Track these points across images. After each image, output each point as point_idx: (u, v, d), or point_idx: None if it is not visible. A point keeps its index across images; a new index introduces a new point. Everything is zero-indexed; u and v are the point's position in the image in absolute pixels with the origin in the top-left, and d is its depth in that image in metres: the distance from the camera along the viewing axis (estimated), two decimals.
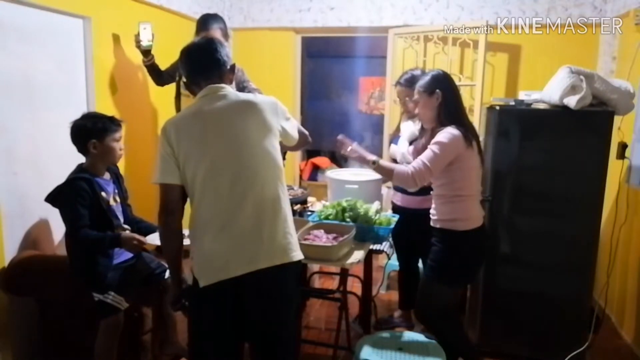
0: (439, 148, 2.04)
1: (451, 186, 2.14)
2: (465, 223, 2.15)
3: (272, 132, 1.70)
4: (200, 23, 2.99)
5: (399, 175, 2.11)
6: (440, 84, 2.16)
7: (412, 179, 2.07)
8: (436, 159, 2.04)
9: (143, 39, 2.95)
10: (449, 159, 2.06)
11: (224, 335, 1.68)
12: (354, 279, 3.14)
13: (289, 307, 1.75)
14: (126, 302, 2.19)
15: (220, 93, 1.68)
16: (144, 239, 2.15)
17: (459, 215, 2.15)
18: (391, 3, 3.88)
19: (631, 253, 2.83)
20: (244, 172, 1.62)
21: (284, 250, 1.67)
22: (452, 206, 2.16)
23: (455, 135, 2.05)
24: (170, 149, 1.61)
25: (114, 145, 2.18)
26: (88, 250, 2.12)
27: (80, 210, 2.06)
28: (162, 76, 3.16)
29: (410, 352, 2.07)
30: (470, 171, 2.14)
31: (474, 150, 2.12)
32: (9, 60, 2.34)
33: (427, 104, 2.18)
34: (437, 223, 2.22)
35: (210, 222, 1.62)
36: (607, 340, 2.86)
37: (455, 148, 2.05)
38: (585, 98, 2.34)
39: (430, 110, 2.17)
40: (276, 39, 4.27)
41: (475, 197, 2.19)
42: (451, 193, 2.15)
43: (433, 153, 2.05)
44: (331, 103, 6.00)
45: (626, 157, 2.67)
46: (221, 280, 1.59)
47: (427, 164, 2.05)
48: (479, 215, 2.20)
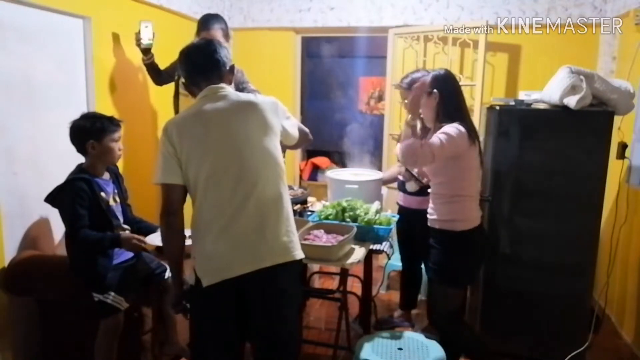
0: (445, 138, 2.03)
1: (451, 185, 2.13)
2: (464, 223, 2.15)
3: (273, 131, 1.71)
4: (201, 23, 2.99)
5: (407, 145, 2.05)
6: (438, 84, 2.15)
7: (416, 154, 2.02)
8: (441, 145, 2.02)
9: (144, 37, 2.95)
10: (452, 151, 2.05)
11: (226, 335, 1.68)
12: (354, 279, 3.13)
13: (291, 306, 1.76)
14: (126, 302, 2.19)
15: (221, 93, 1.69)
16: (144, 239, 2.15)
17: (458, 215, 2.15)
18: (391, 3, 3.87)
19: (631, 253, 2.83)
20: (246, 171, 1.62)
21: (287, 249, 1.68)
22: (451, 206, 2.15)
23: (461, 131, 2.05)
24: (172, 148, 1.61)
25: (112, 145, 2.18)
26: (88, 251, 2.12)
27: (79, 211, 2.06)
28: (161, 75, 3.16)
29: (410, 352, 2.07)
30: (471, 171, 2.14)
31: (476, 149, 2.12)
32: (9, 60, 2.34)
33: (427, 103, 2.18)
34: (435, 223, 2.21)
35: (212, 222, 1.62)
36: (607, 340, 2.87)
37: (460, 142, 2.04)
38: (585, 98, 2.34)
39: (430, 109, 2.17)
40: (276, 39, 4.27)
41: (474, 197, 2.19)
42: (450, 192, 2.14)
43: (439, 140, 2.03)
44: (331, 103, 6.00)
45: (626, 157, 2.67)
46: (224, 280, 1.60)
47: (433, 147, 2.01)
48: (477, 216, 2.20)
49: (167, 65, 3.14)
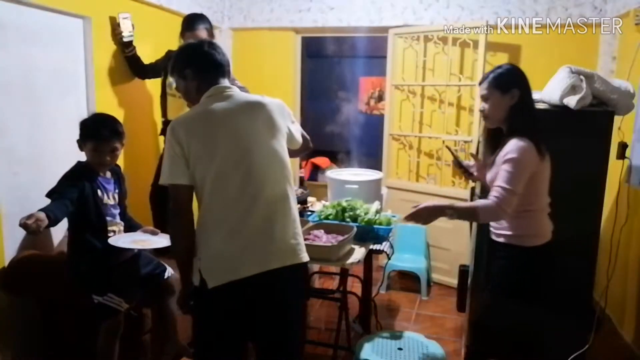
0: (512, 166, 1.82)
1: (521, 200, 1.88)
2: (534, 239, 1.96)
3: (280, 133, 1.70)
4: (185, 23, 2.99)
5: (485, 211, 1.86)
6: (518, 81, 1.92)
7: (501, 209, 1.82)
8: (514, 178, 1.81)
9: (124, 30, 2.88)
10: (527, 174, 1.84)
11: (231, 336, 1.66)
12: (354, 279, 3.14)
13: (296, 308, 1.76)
14: (126, 303, 2.19)
15: (227, 93, 1.68)
16: (40, 225, 1.78)
17: (529, 231, 1.96)
18: (391, 3, 3.87)
19: (631, 253, 2.83)
20: (254, 172, 1.61)
21: (294, 251, 1.66)
22: (520, 221, 1.94)
23: (526, 149, 1.83)
24: (179, 149, 1.59)
25: (99, 152, 2.13)
26: (89, 253, 2.13)
27: (63, 183, 2.05)
28: (145, 69, 3.11)
29: (410, 352, 2.07)
30: (543, 183, 1.95)
31: (547, 160, 1.92)
32: (9, 60, 2.34)
33: (500, 103, 1.93)
34: (501, 237, 2.02)
35: (220, 223, 1.60)
36: (607, 340, 2.86)
37: (529, 162, 1.84)
38: (585, 98, 2.33)
39: (503, 110, 1.93)
40: (276, 39, 4.27)
41: (544, 210, 2.01)
42: (520, 208, 1.90)
43: (509, 173, 1.82)
44: (331, 103, 6.00)
45: (626, 157, 2.66)
46: (230, 282, 1.58)
47: (508, 187, 1.81)
48: (549, 230, 2.02)
49: (153, 61, 3.11)
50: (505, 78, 1.94)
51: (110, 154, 2.16)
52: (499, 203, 1.81)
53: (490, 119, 2.00)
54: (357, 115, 6.03)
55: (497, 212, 1.83)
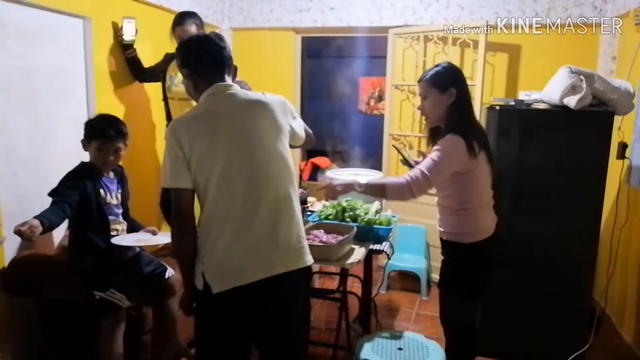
0: (439, 156, 1.84)
1: (457, 199, 1.94)
2: (474, 236, 1.96)
3: (282, 132, 1.65)
4: (175, 18, 3.02)
5: (393, 187, 1.89)
6: (456, 80, 1.92)
7: (408, 189, 1.83)
8: (436, 168, 1.83)
9: (126, 33, 2.93)
10: (452, 169, 1.86)
11: (234, 340, 1.64)
12: (354, 279, 3.13)
13: (301, 311, 1.73)
14: (127, 301, 2.19)
15: (228, 92, 1.62)
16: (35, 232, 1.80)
17: (467, 229, 1.96)
18: (391, 3, 3.88)
19: (631, 253, 2.83)
20: (258, 174, 1.57)
21: (299, 255, 1.63)
22: (458, 219, 1.97)
23: (455, 144, 1.84)
24: (181, 152, 1.53)
25: (103, 151, 2.15)
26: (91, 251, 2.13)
27: (65, 183, 2.05)
28: (143, 72, 3.14)
29: (410, 352, 2.07)
30: (479, 182, 1.94)
31: (482, 159, 1.90)
32: (9, 60, 2.34)
33: (439, 101, 1.93)
34: (443, 235, 2.06)
35: (224, 226, 1.55)
36: (607, 340, 2.86)
37: (458, 158, 1.84)
38: (585, 98, 2.34)
39: (441, 109, 1.93)
40: (276, 39, 4.27)
41: (485, 207, 2.00)
42: (458, 206, 1.95)
43: (433, 161, 1.84)
44: (331, 103, 6.01)
45: (626, 157, 2.67)
46: (235, 287, 1.54)
47: (426, 173, 1.83)
48: (490, 225, 2.02)
49: (153, 65, 3.13)
50: (443, 77, 1.93)
51: (114, 153, 2.18)
52: (410, 182, 1.82)
53: (430, 118, 2.01)
54: (357, 115, 6.03)
55: (404, 191, 1.84)
